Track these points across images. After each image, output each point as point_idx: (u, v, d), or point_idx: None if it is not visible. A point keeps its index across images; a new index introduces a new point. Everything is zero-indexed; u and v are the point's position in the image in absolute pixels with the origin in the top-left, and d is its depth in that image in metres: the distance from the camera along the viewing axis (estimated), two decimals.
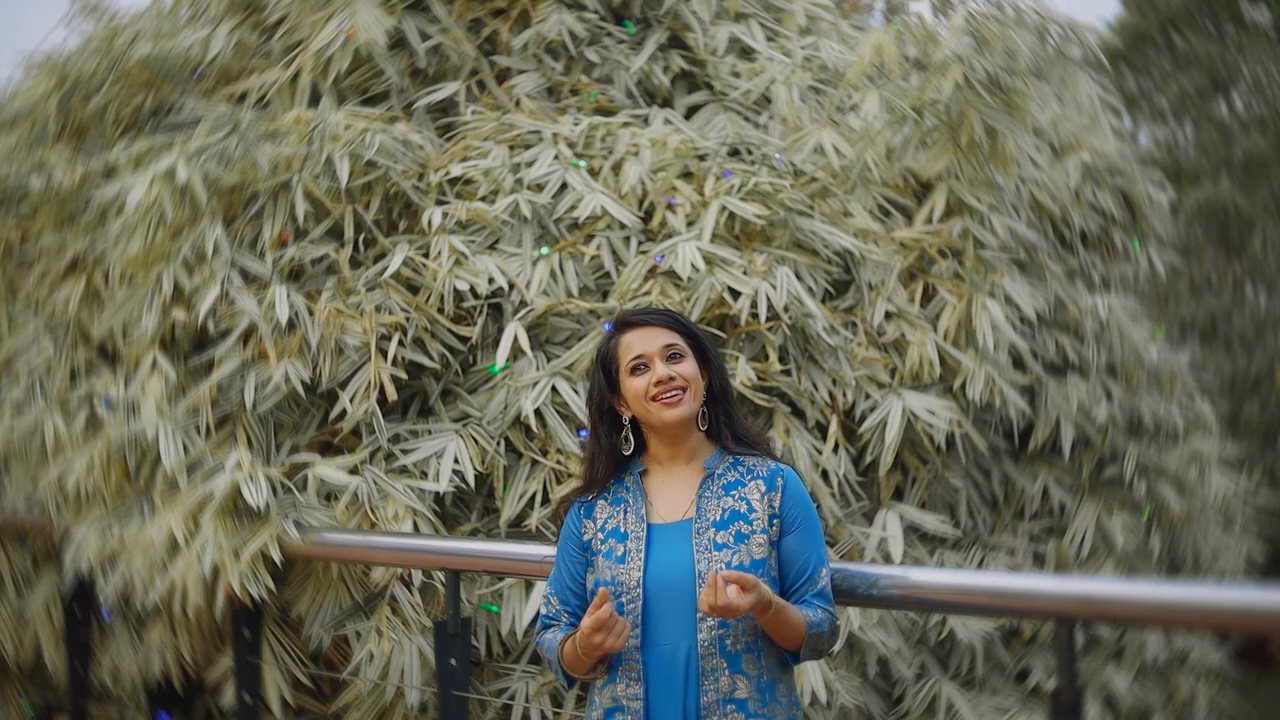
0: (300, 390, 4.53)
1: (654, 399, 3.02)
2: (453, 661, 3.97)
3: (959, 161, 5.18)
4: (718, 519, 3.00)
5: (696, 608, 2.93)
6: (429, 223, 4.79)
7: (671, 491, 3.07)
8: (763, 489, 3.02)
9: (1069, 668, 2.95)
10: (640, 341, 3.06)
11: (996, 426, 5.24)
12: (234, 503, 4.38)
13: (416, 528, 4.41)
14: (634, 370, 3.06)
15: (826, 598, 3.01)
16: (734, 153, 5.22)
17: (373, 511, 4.40)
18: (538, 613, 3.64)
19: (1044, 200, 5.65)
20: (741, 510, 3.01)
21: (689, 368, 3.04)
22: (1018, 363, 5.24)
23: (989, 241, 5.23)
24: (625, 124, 5.22)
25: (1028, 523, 5.32)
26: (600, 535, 3.06)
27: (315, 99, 5.23)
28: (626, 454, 3.10)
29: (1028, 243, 5.41)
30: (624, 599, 2.97)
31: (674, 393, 3.01)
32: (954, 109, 5.08)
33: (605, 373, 3.10)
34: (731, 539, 2.97)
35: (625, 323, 3.11)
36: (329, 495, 4.52)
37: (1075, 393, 5.34)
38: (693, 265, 4.68)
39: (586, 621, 2.86)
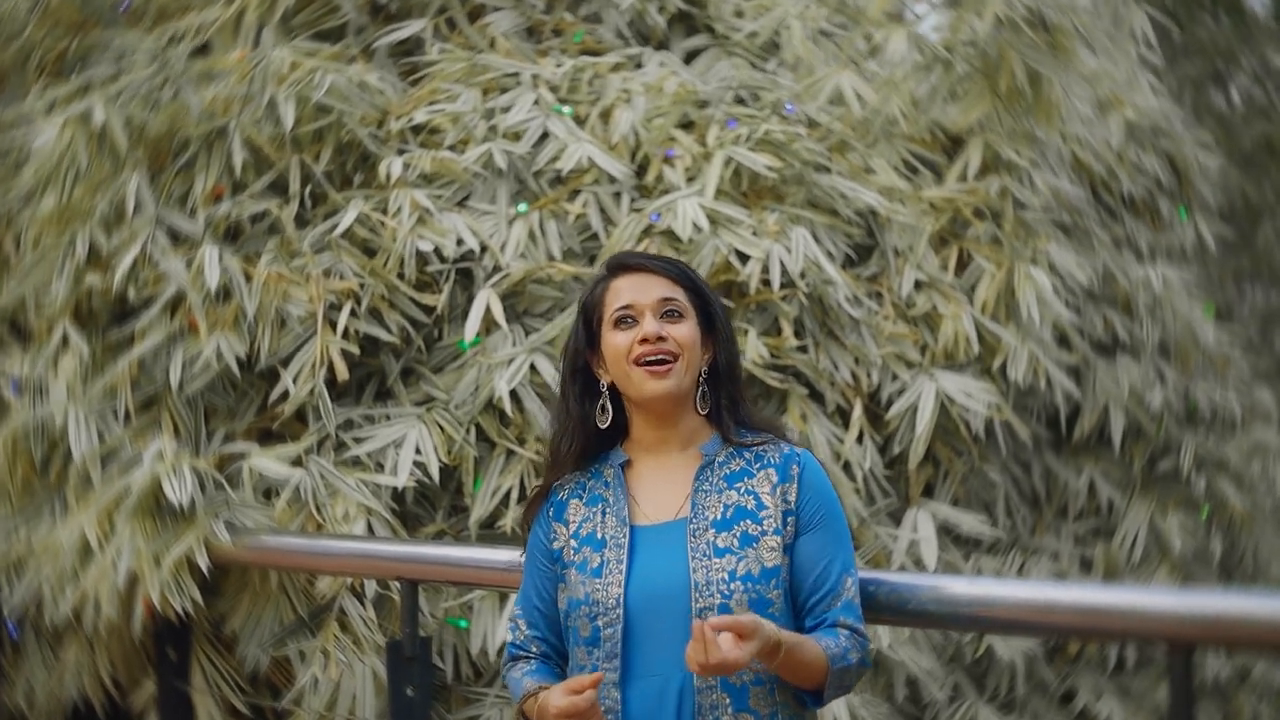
0: (235, 368, 3.89)
1: (637, 362, 2.40)
2: (410, 690, 3.32)
3: (997, 111, 4.54)
4: (718, 518, 2.38)
5: (692, 630, 2.29)
6: (387, 174, 4.13)
7: (661, 485, 2.45)
8: (774, 479, 2.40)
9: (1185, 704, 2.30)
10: (632, 289, 2.43)
11: (1039, 413, 4.61)
12: (155, 500, 3.77)
13: (371, 529, 3.81)
14: (618, 323, 2.42)
15: (854, 612, 2.39)
16: (739, 101, 4.58)
17: (319, 510, 3.81)
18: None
19: (1087, 160, 5.02)
20: (748, 506, 2.39)
21: (687, 331, 2.42)
22: (1062, 341, 4.61)
23: (1030, 202, 4.61)
24: (615, 67, 4.58)
25: (1072, 523, 4.72)
26: (573, 543, 2.45)
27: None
28: (603, 427, 2.45)
29: (1072, 205, 4.78)
30: (600, 621, 2.37)
31: (663, 358, 2.39)
32: (991, 50, 4.44)
33: (585, 323, 2.48)
34: (736, 542, 2.36)
35: (620, 265, 2.48)
36: (268, 491, 3.89)
37: (1126, 375, 4.74)
38: (694, 225, 4.06)
39: (560, 703, 2.26)
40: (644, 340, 2.38)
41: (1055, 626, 2.48)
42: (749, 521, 2.37)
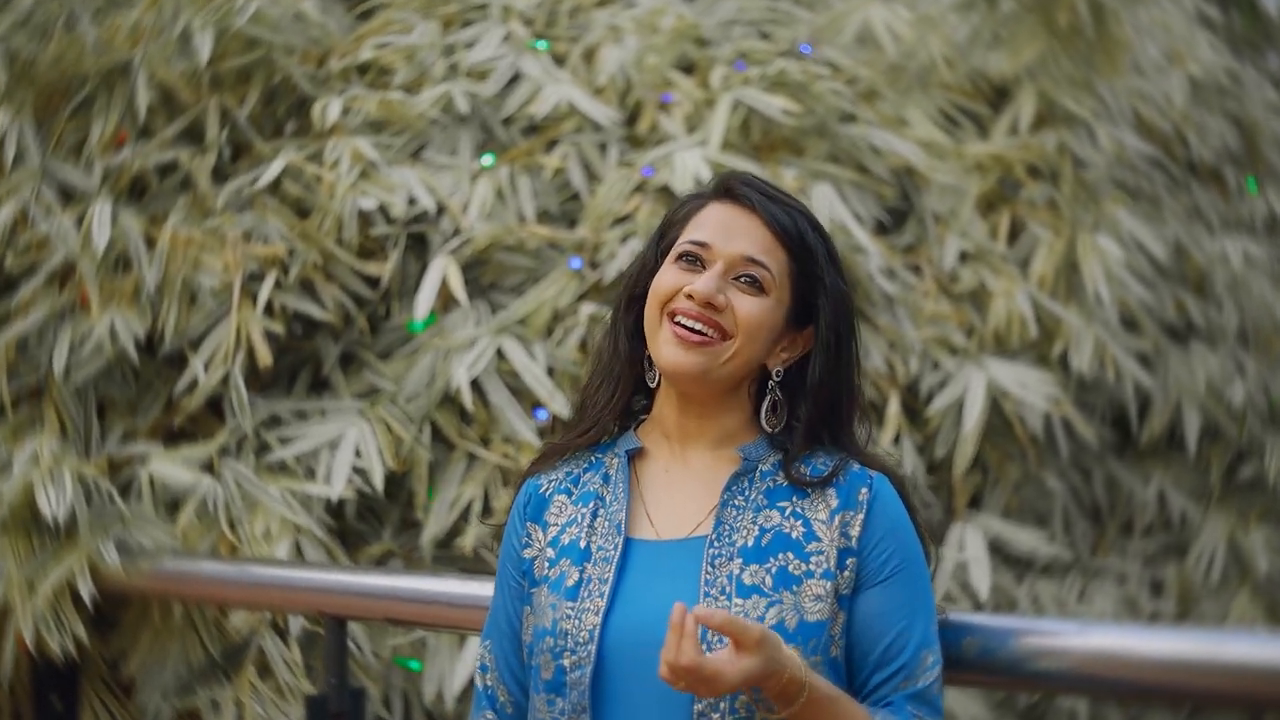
0: (132, 352, 3.25)
1: (672, 316, 1.78)
2: None
3: (1053, 52, 3.88)
4: (750, 544, 1.73)
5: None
6: (323, 117, 3.47)
7: (679, 489, 1.80)
8: (834, 503, 1.75)
9: None
10: (719, 226, 1.82)
11: (1103, 411, 3.95)
12: (30, 513, 3.09)
13: (300, 551, 3.17)
14: (681, 257, 1.82)
15: (933, 703, 1.73)
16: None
17: (233, 527, 3.16)
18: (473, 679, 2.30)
19: (1151, 117, 4.35)
20: (794, 535, 1.74)
21: (754, 311, 1.77)
22: (1130, 324, 3.95)
23: (1092, 160, 3.95)
24: (601, 0, 3.91)
25: (1140, 539, 4.10)
26: (549, 553, 1.80)
27: None
28: (652, 384, 1.85)
29: (1139, 165, 4.13)
30: (566, 660, 1.73)
31: (699, 327, 1.75)
32: None
33: (659, 239, 1.89)
34: (769, 580, 1.71)
35: (725, 188, 1.86)
36: (175, 503, 3.23)
37: (1202, 366, 4.09)
38: (695, 180, 3.42)
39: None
40: (689, 296, 1.76)
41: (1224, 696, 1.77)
42: (791, 555, 1.72)
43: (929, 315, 3.63)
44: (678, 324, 1.75)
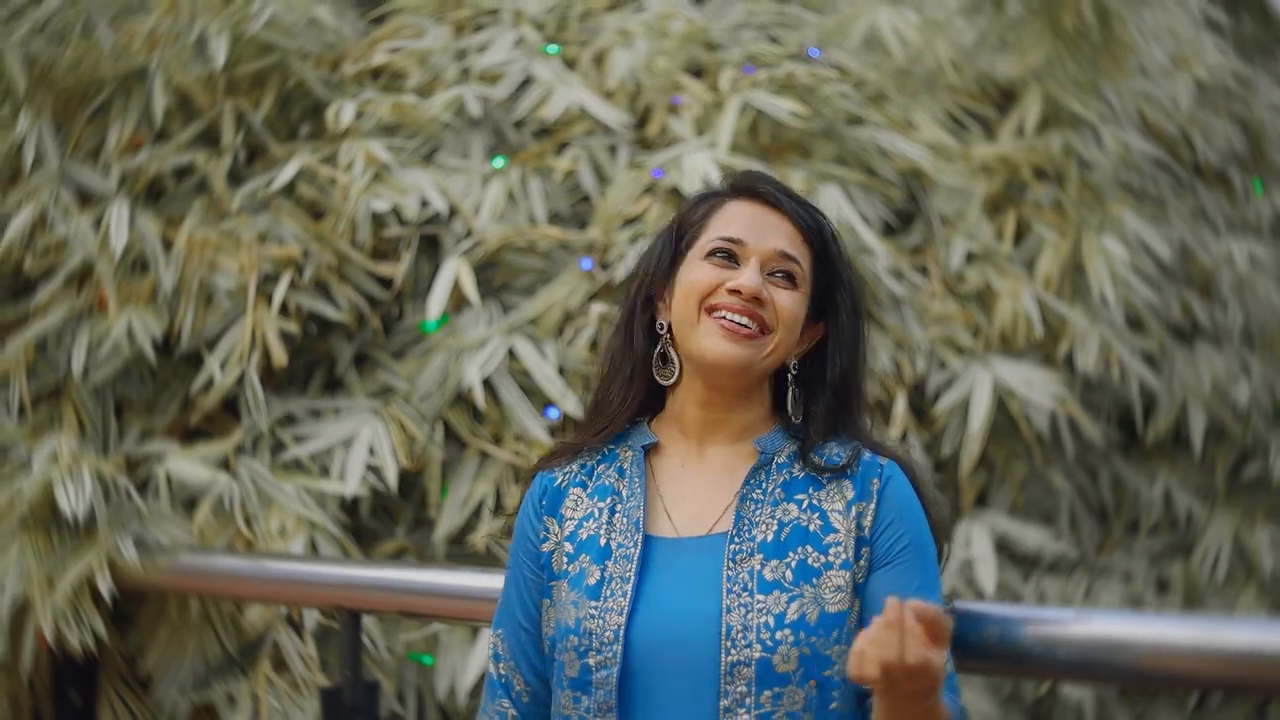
0: (149, 352, 3.25)
1: (712, 310, 1.78)
2: None
3: (1059, 55, 3.89)
4: (769, 539, 1.75)
5: (720, 690, 1.68)
6: (337, 120, 3.49)
7: (696, 484, 1.81)
8: (849, 494, 1.77)
9: None
10: (750, 222, 1.83)
11: (1108, 411, 3.96)
12: (50, 510, 3.10)
13: (315, 547, 3.17)
14: (713, 254, 1.82)
15: (948, 682, 1.73)
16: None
17: (249, 524, 3.16)
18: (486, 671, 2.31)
19: (1156, 120, 4.36)
20: (812, 528, 1.75)
21: (791, 305, 1.79)
22: (1135, 325, 3.96)
23: (1098, 162, 3.96)
24: (612, 4, 3.95)
25: (1145, 538, 4.08)
26: (567, 547, 1.81)
27: None
28: (664, 382, 1.85)
29: (1144, 167, 4.14)
30: (592, 660, 1.73)
31: (746, 320, 1.77)
32: None
33: (674, 240, 1.88)
34: (789, 574, 1.72)
35: (747, 187, 1.87)
36: (192, 501, 3.24)
37: (1208, 366, 4.09)
38: (705, 183, 3.38)
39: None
40: (735, 291, 1.77)
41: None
42: (810, 548, 1.73)
43: (935, 315, 3.63)
44: (723, 318, 1.76)
